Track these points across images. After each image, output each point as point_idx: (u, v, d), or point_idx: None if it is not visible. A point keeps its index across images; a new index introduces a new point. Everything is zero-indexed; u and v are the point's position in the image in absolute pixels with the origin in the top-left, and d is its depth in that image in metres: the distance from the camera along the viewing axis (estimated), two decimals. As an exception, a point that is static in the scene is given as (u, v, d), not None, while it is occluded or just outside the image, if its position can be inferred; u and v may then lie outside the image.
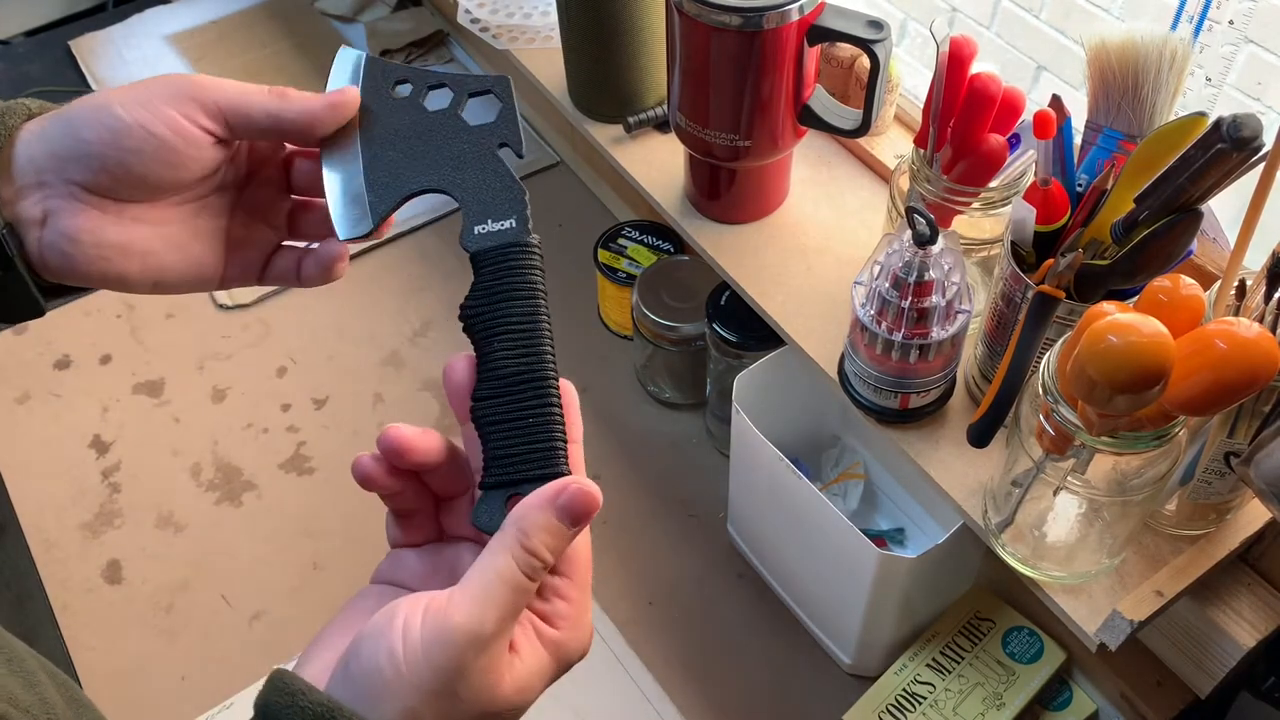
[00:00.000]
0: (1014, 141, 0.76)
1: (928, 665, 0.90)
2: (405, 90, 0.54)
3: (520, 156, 0.52)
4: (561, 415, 0.48)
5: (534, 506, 0.44)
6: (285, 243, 0.59)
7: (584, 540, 0.47)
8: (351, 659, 0.43)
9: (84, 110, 0.50)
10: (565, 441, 0.48)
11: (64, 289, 0.53)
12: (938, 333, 0.72)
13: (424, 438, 0.48)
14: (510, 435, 0.47)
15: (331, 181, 0.52)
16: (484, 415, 0.48)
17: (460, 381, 0.48)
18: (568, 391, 0.49)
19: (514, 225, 0.50)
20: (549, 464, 0.47)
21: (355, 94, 0.52)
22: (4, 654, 0.49)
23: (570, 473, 0.47)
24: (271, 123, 0.51)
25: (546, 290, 0.49)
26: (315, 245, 0.58)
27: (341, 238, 0.52)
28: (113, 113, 0.49)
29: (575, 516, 0.44)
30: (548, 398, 0.48)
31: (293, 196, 0.58)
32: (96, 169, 0.49)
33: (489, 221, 0.50)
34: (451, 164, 0.52)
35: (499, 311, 0.48)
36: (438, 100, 0.53)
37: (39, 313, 0.52)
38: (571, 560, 0.46)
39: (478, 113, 0.53)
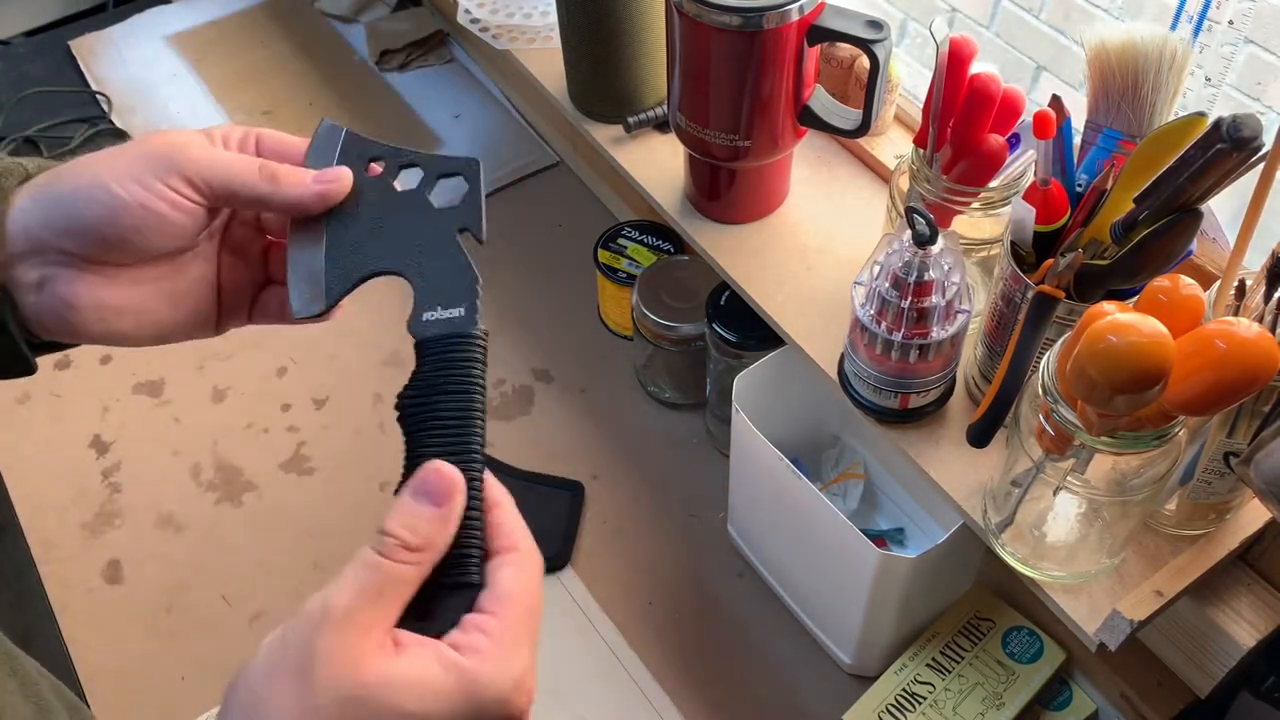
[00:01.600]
0: (1014, 141, 0.76)
1: (928, 665, 0.90)
2: (378, 167, 0.53)
3: (480, 242, 0.51)
4: (480, 520, 0.46)
5: (395, 498, 0.45)
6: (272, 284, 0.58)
7: (521, 584, 0.45)
8: None
9: (79, 185, 0.49)
10: (479, 549, 0.46)
11: (56, 344, 0.53)
12: (937, 333, 0.72)
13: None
14: None
15: (293, 256, 0.51)
16: None
17: None
18: (494, 493, 0.47)
19: (462, 314, 0.49)
20: (459, 571, 0.45)
21: (347, 181, 0.52)
22: (17, 678, 0.49)
23: (482, 583, 0.45)
24: (258, 205, 0.52)
25: (485, 384, 0.48)
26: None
27: (295, 314, 0.51)
28: (110, 190, 0.49)
29: (431, 494, 0.44)
30: (469, 501, 0.46)
31: (268, 237, 0.58)
32: (94, 241, 0.49)
33: (438, 308, 0.49)
34: (411, 247, 0.51)
35: (433, 405, 0.47)
36: (408, 179, 0.53)
37: (30, 371, 0.52)
38: (501, 599, 0.44)
39: (447, 192, 0.53)
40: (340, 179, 0.52)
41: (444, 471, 0.45)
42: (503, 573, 0.45)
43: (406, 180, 0.53)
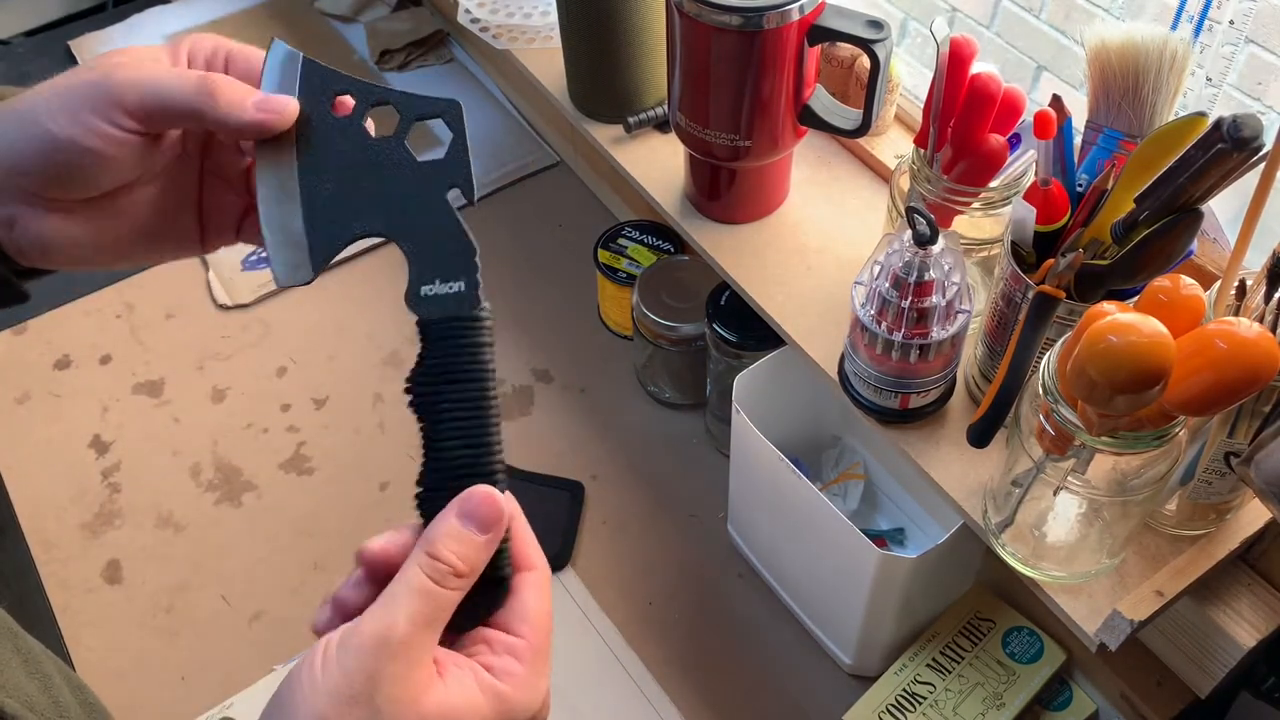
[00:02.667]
0: (1014, 141, 0.76)
1: (928, 665, 0.90)
2: (346, 104, 0.49)
3: (471, 202, 0.48)
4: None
5: (440, 517, 0.45)
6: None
7: (542, 606, 0.47)
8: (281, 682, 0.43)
9: (16, 121, 0.48)
10: (506, 540, 0.47)
11: (43, 271, 0.52)
12: (938, 333, 0.72)
13: (398, 538, 0.47)
14: None
15: (266, 215, 0.48)
16: (429, 509, 0.46)
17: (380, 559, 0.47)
18: (509, 500, 0.48)
19: (463, 289, 0.47)
20: (491, 568, 0.46)
21: (293, 110, 0.48)
22: (21, 654, 0.49)
23: (510, 574, 0.47)
24: (194, 118, 0.48)
25: (494, 366, 0.47)
26: None
27: (279, 284, 0.48)
28: (42, 126, 0.47)
29: (480, 521, 0.45)
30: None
31: (248, 158, 0.55)
32: (43, 180, 0.48)
33: (436, 281, 0.47)
34: (397, 206, 0.47)
35: (447, 395, 0.46)
36: (382, 120, 0.49)
37: (24, 298, 0.51)
38: (528, 621, 0.46)
39: (424, 141, 0.49)
40: (285, 111, 0.47)
41: (493, 499, 0.45)
42: (527, 593, 0.47)
43: (377, 122, 0.49)
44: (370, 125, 0.49)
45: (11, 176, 0.48)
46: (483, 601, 0.46)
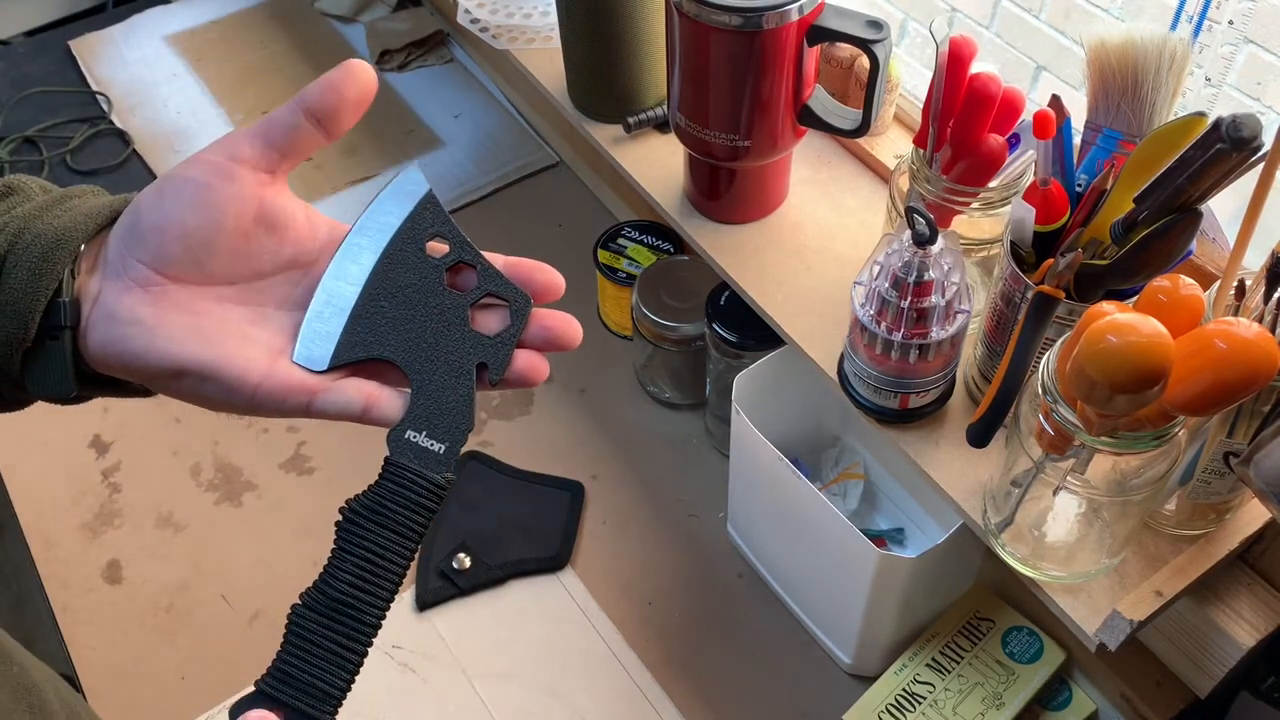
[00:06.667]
0: (1014, 141, 0.76)
1: (928, 665, 0.90)
2: (440, 248, 0.51)
3: (493, 385, 0.50)
4: (359, 664, 0.48)
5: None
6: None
7: None
8: None
9: (153, 188, 0.48)
10: (346, 690, 0.48)
11: (100, 385, 0.51)
12: (937, 333, 0.72)
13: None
14: (304, 654, 0.47)
15: (319, 299, 0.49)
16: (296, 622, 0.48)
17: None
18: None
19: (441, 454, 0.49)
20: (323, 704, 0.47)
21: (371, 76, 0.48)
22: (9, 686, 0.49)
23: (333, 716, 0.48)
24: (299, 111, 0.47)
25: (426, 529, 0.49)
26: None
27: (293, 359, 0.49)
28: (162, 177, 0.48)
29: None
30: (359, 641, 0.47)
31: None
32: (144, 228, 0.47)
33: (424, 434, 0.49)
34: (429, 354, 0.49)
35: (374, 534, 0.48)
36: (463, 279, 0.51)
37: (68, 389, 0.49)
38: None
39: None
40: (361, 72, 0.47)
41: None
42: None
43: (461, 279, 0.51)
44: (449, 277, 0.51)
45: (119, 241, 0.47)
46: None
